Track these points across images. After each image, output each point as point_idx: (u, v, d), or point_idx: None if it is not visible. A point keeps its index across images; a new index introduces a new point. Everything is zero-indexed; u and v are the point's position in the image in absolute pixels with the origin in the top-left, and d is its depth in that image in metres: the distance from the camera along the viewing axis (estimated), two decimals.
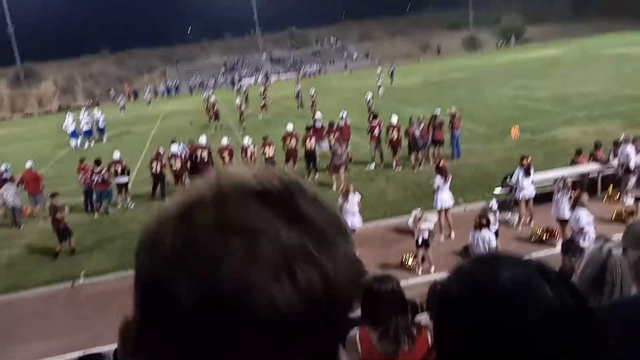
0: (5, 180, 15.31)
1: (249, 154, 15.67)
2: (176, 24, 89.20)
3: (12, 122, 53.85)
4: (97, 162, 15.18)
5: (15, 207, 14.68)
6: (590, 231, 8.16)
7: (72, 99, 63.29)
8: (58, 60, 72.76)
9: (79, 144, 27.34)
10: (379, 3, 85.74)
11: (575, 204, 8.62)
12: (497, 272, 0.79)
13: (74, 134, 27.58)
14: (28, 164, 16.03)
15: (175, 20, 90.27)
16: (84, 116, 28.82)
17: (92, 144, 27.59)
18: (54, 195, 12.71)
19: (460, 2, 76.58)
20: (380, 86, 32.50)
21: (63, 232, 12.30)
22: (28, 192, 15.36)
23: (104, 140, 28.44)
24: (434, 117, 16.09)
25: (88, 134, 27.89)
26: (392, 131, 15.93)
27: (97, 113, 29.82)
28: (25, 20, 68.80)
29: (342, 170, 14.90)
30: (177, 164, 15.47)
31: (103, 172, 14.83)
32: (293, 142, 16.05)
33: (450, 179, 11.08)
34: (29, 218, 15.27)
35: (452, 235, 10.84)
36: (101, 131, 28.98)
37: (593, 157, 12.62)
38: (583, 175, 12.03)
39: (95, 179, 14.81)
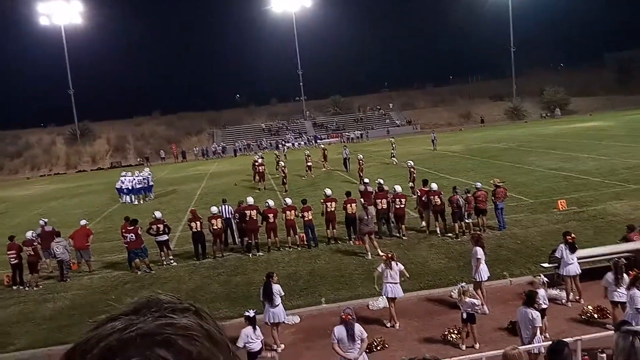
0: (51, 234, 15.91)
1: (290, 215, 15.87)
2: (225, 90, 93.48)
3: (66, 177, 56.37)
4: (129, 220, 15.45)
5: (64, 261, 15.09)
6: None
7: (123, 157, 66.10)
8: (112, 120, 76.69)
9: (129, 200, 28.28)
10: (420, 74, 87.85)
11: (633, 284, 8.22)
12: None
13: (125, 190, 28.51)
14: (82, 222, 16.65)
15: (224, 87, 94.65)
16: (134, 174, 29.91)
17: (141, 201, 28.48)
18: None
19: (503, 74, 77.39)
20: (393, 155, 33.11)
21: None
22: (75, 247, 15.82)
23: (152, 198, 29.36)
24: (476, 189, 15.93)
25: (138, 191, 28.80)
26: (434, 197, 15.84)
27: (147, 171, 30.94)
28: (84, 83, 73.61)
29: (372, 236, 14.72)
30: (218, 224, 15.75)
31: (135, 230, 14.94)
32: (333, 205, 16.13)
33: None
34: (76, 273, 15.66)
35: (486, 309, 10.47)
36: (149, 189, 29.91)
37: None
38: (635, 252, 11.49)
39: (128, 237, 15.06)
